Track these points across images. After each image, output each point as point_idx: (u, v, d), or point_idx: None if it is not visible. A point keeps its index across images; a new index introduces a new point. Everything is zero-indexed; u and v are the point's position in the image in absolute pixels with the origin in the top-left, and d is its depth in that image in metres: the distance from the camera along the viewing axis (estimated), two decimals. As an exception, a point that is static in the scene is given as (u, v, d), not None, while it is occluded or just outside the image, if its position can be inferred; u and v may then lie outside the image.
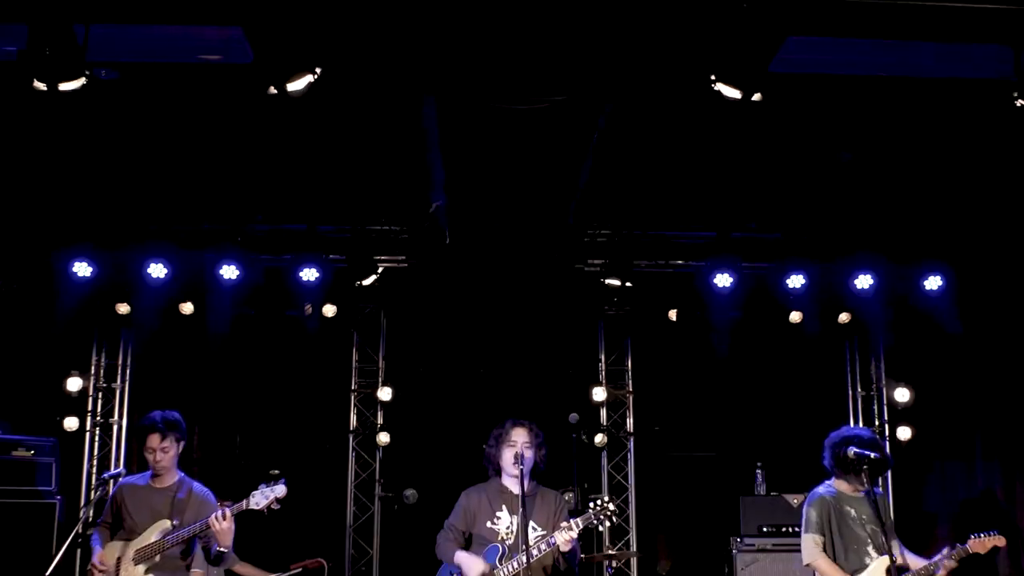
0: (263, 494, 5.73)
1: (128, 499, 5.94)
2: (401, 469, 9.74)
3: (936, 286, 8.70)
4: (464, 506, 5.95)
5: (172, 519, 5.85)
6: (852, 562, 5.99)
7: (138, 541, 5.83)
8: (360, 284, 8.87)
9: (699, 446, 10.34)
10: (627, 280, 8.98)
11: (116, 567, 5.78)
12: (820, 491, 6.20)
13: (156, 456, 5.91)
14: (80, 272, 8.38)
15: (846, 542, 6.01)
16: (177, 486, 5.99)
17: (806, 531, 6.10)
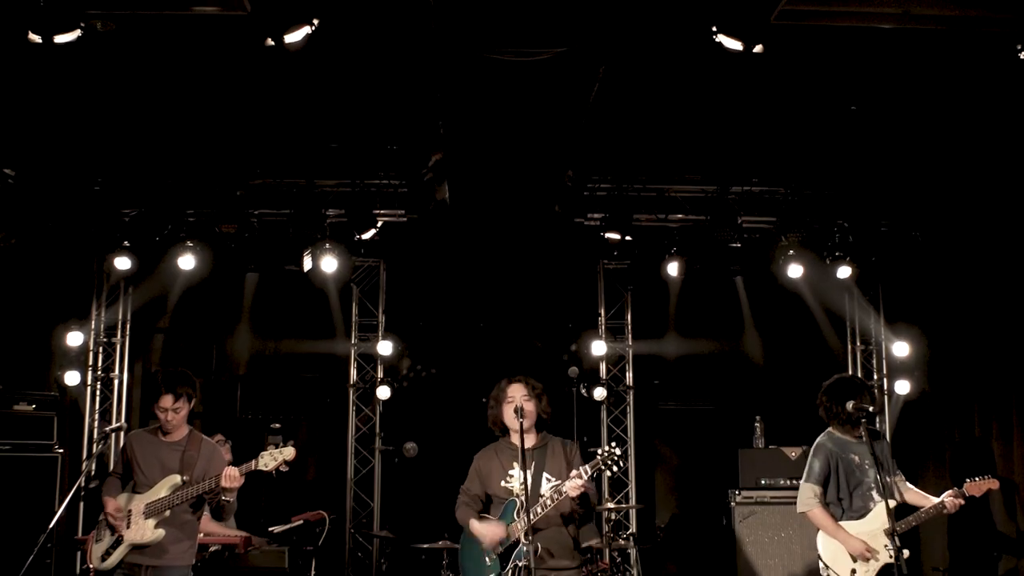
0: (272, 456, 5.77)
1: (138, 451, 5.94)
2: (401, 423, 9.79)
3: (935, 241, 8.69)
4: (476, 469, 5.99)
5: (182, 474, 5.88)
6: (857, 506, 6.11)
7: (148, 495, 5.86)
8: (359, 238, 8.85)
9: (698, 399, 10.39)
10: (627, 234, 8.96)
11: (127, 518, 5.83)
12: (824, 440, 6.29)
13: (168, 416, 5.92)
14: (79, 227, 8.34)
15: (851, 488, 6.13)
16: (187, 440, 6.01)
17: (806, 480, 6.20)
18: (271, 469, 5.75)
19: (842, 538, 6.08)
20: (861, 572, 6.06)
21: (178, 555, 5.88)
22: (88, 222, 8.41)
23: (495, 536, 5.72)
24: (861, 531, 6.07)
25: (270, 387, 10.02)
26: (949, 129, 7.68)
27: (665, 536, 10.12)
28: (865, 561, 6.03)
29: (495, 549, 5.72)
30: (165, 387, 5.87)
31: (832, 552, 6.16)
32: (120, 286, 9.43)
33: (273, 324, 9.86)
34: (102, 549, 5.81)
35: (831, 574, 6.13)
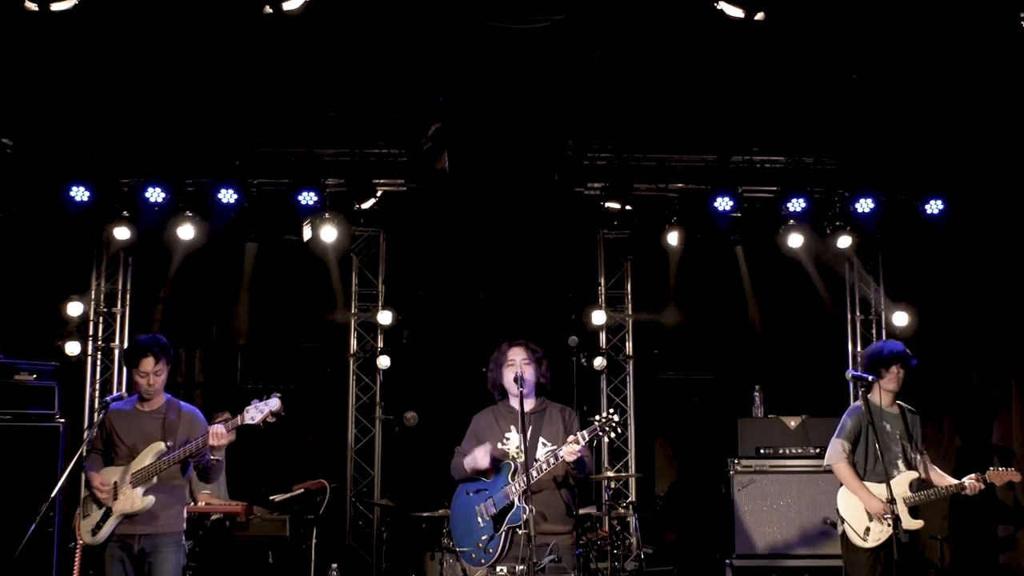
0: (257, 409, 5.77)
1: (118, 425, 5.97)
2: (401, 392, 9.81)
3: (937, 210, 8.67)
4: (474, 429, 6.02)
5: (166, 440, 5.91)
6: (880, 471, 6.21)
7: (134, 464, 5.88)
8: (359, 207, 8.83)
9: (698, 369, 10.41)
10: (627, 203, 8.94)
11: (114, 491, 5.86)
12: (859, 405, 6.47)
13: (150, 380, 5.94)
14: (78, 197, 8.33)
15: (879, 452, 6.23)
16: (166, 408, 6.05)
17: (837, 436, 6.45)
18: (258, 422, 5.76)
19: (863, 496, 6.24)
20: (875, 531, 6.19)
21: (169, 520, 5.92)
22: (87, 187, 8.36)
23: (484, 453, 5.74)
24: (882, 493, 6.15)
25: (270, 357, 10.04)
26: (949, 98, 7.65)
27: (664, 505, 10.18)
28: (880, 522, 6.14)
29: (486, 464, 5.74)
30: (145, 351, 5.90)
31: (851, 508, 6.33)
32: (120, 256, 9.41)
33: (273, 294, 9.85)
34: (92, 523, 5.84)
35: (847, 528, 6.28)
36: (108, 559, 5.86)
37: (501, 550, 5.67)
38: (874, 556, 6.20)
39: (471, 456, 5.84)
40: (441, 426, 6.21)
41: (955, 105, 7.76)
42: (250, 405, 5.80)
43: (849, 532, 6.29)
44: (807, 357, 9.68)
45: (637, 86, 7.73)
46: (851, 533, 6.28)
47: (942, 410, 9.25)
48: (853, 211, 8.77)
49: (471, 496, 5.90)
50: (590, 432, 5.65)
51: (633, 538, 8.78)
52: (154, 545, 5.86)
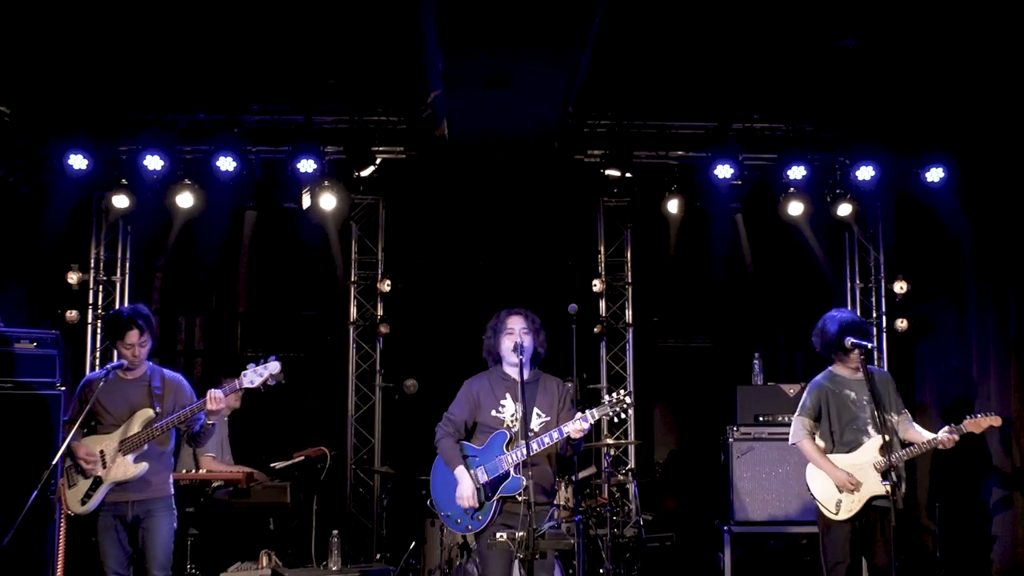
0: (256, 372, 5.79)
1: (102, 395, 5.92)
2: (401, 360, 9.83)
3: (938, 178, 8.65)
4: (467, 395, 5.96)
5: (154, 407, 5.93)
6: (847, 440, 6.24)
7: (121, 432, 5.90)
8: (358, 175, 8.81)
9: (697, 336, 10.42)
10: (627, 171, 8.91)
11: (102, 459, 5.86)
12: (819, 379, 6.46)
13: (135, 351, 5.95)
14: (76, 164, 8.31)
15: (843, 423, 6.26)
16: (149, 376, 6.07)
17: (798, 414, 6.41)
18: (258, 385, 5.78)
19: (827, 469, 6.22)
20: (847, 503, 6.18)
21: (160, 486, 5.99)
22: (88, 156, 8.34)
23: (472, 502, 5.70)
24: (848, 464, 6.18)
25: (270, 325, 10.05)
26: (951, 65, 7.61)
27: (663, 472, 10.23)
28: (850, 492, 6.14)
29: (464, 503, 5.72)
30: (129, 324, 5.90)
31: (819, 483, 6.32)
32: (119, 224, 9.40)
33: (273, 262, 9.85)
34: (80, 493, 5.87)
35: (819, 505, 6.29)
36: (101, 529, 5.90)
37: (491, 518, 5.68)
38: (851, 528, 6.19)
39: (460, 482, 5.73)
40: (441, 394, 6.21)
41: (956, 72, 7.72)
42: (247, 369, 5.82)
43: (821, 508, 6.28)
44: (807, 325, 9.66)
45: (637, 53, 7.68)
46: (823, 509, 6.27)
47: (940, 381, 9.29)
48: (853, 179, 8.74)
49: None
50: (600, 411, 5.66)
51: (632, 505, 8.84)
52: (148, 511, 5.91)
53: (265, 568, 7.62)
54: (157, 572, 5.91)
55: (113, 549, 5.89)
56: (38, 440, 6.70)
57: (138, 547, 5.92)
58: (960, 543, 8.65)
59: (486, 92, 7.72)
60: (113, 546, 5.89)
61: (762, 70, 7.93)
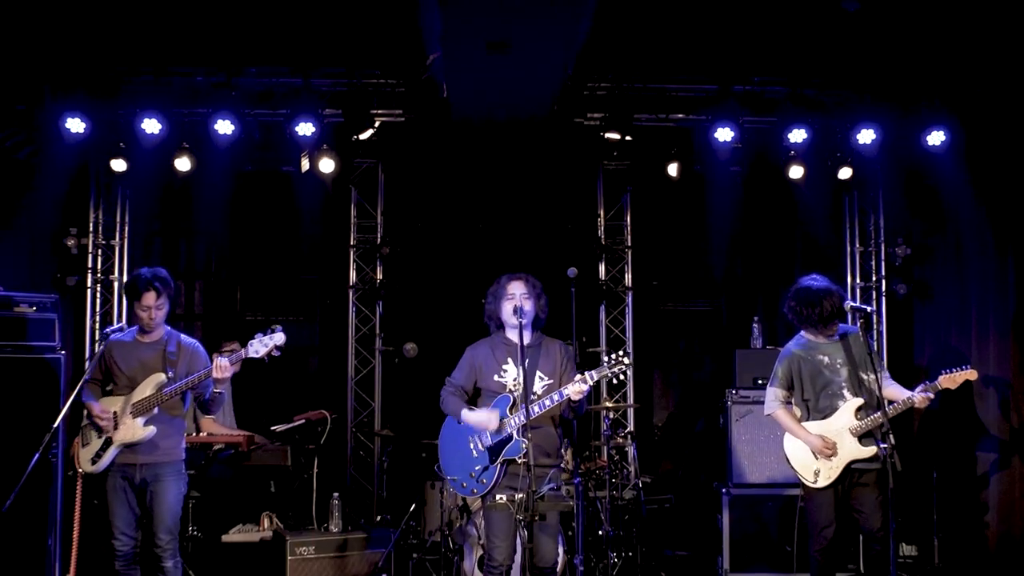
0: (261, 342, 5.81)
1: (118, 356, 6.03)
2: (401, 323, 9.84)
3: (939, 141, 8.61)
4: (470, 361, 6.01)
5: (166, 372, 5.96)
6: (823, 406, 6.20)
7: (135, 395, 5.95)
8: (357, 138, 8.77)
9: (697, 300, 10.43)
10: (627, 134, 8.87)
11: (114, 420, 5.92)
12: (790, 346, 6.41)
13: (151, 314, 5.99)
14: (73, 128, 8.27)
15: (817, 389, 6.21)
16: (166, 339, 6.10)
17: (770, 385, 6.38)
18: (262, 355, 5.80)
19: (803, 436, 6.19)
20: (824, 470, 6.14)
21: (169, 450, 6.02)
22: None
23: (493, 422, 5.77)
24: (824, 430, 6.14)
25: (270, 288, 10.06)
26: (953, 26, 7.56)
27: (662, 435, 10.27)
28: (826, 458, 6.11)
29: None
30: (147, 285, 5.93)
31: (795, 452, 6.30)
32: (117, 188, 9.38)
33: (272, 225, 9.84)
34: (91, 452, 5.92)
35: (799, 475, 6.27)
36: (110, 489, 5.97)
37: (495, 481, 5.74)
38: (832, 494, 6.18)
39: (475, 421, 5.83)
40: (441, 357, 6.24)
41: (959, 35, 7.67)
42: (254, 339, 5.83)
43: (802, 479, 6.27)
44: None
45: (637, 15, 7.63)
46: (802, 478, 6.26)
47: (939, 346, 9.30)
48: (854, 142, 8.71)
49: (462, 426, 5.93)
50: (599, 373, 5.68)
51: (631, 467, 8.88)
52: (156, 474, 5.96)
53: (266, 530, 7.69)
54: (163, 535, 5.96)
55: (121, 509, 5.95)
56: (39, 403, 6.73)
57: (146, 509, 5.97)
58: (956, 507, 8.70)
59: (486, 55, 7.67)
60: (121, 506, 5.95)
61: (763, 31, 7.87)
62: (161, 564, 5.98)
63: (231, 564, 7.57)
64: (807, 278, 6.42)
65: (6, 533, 6.30)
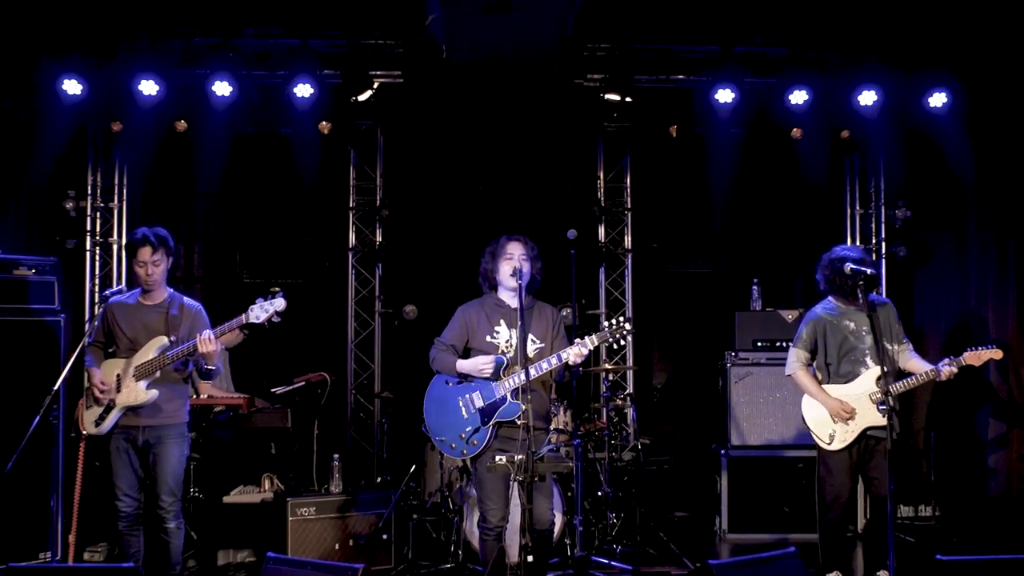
0: (262, 308, 5.81)
1: (120, 318, 6.04)
2: (400, 285, 9.84)
3: (941, 103, 8.57)
4: (462, 321, 5.98)
5: (169, 335, 5.97)
6: (844, 371, 6.24)
7: (137, 358, 5.97)
8: (355, 100, 8.72)
9: (696, 262, 10.43)
10: (627, 95, 8.81)
11: (117, 384, 5.93)
12: (817, 309, 6.43)
13: (148, 270, 5.99)
14: (70, 90, 8.22)
15: (841, 355, 6.25)
16: (168, 302, 6.11)
17: (794, 345, 6.41)
18: (263, 321, 5.81)
19: (822, 398, 6.24)
20: (840, 433, 6.20)
21: (173, 413, 6.04)
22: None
23: (489, 366, 5.76)
24: (843, 394, 6.19)
25: (269, 251, 10.05)
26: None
27: (661, 396, 10.31)
28: (844, 422, 6.16)
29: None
30: (143, 241, 5.93)
31: (813, 414, 6.34)
32: (115, 150, 9.34)
33: (270, 187, 9.81)
34: (95, 415, 5.95)
35: (814, 435, 6.32)
36: (113, 451, 6.01)
37: (487, 443, 5.73)
38: (848, 456, 6.23)
39: (471, 367, 5.82)
40: (440, 320, 6.23)
41: None
42: (255, 304, 5.83)
43: (815, 438, 6.32)
44: (806, 251, 9.67)
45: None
46: (817, 439, 6.31)
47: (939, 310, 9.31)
48: (856, 103, 8.66)
49: (452, 387, 5.90)
50: (599, 338, 5.67)
51: (631, 429, 8.93)
52: (158, 437, 5.99)
53: (267, 491, 7.73)
54: (166, 497, 6.00)
55: (124, 471, 5.99)
56: (39, 366, 6.75)
57: (149, 471, 6.01)
58: (955, 469, 8.75)
59: (484, 15, 7.61)
60: (124, 468, 5.99)
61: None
62: (164, 525, 6.03)
63: (232, 525, 7.62)
64: (842, 247, 6.50)
65: (9, 495, 6.33)
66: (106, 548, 7.53)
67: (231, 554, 7.60)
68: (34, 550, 6.73)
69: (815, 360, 6.38)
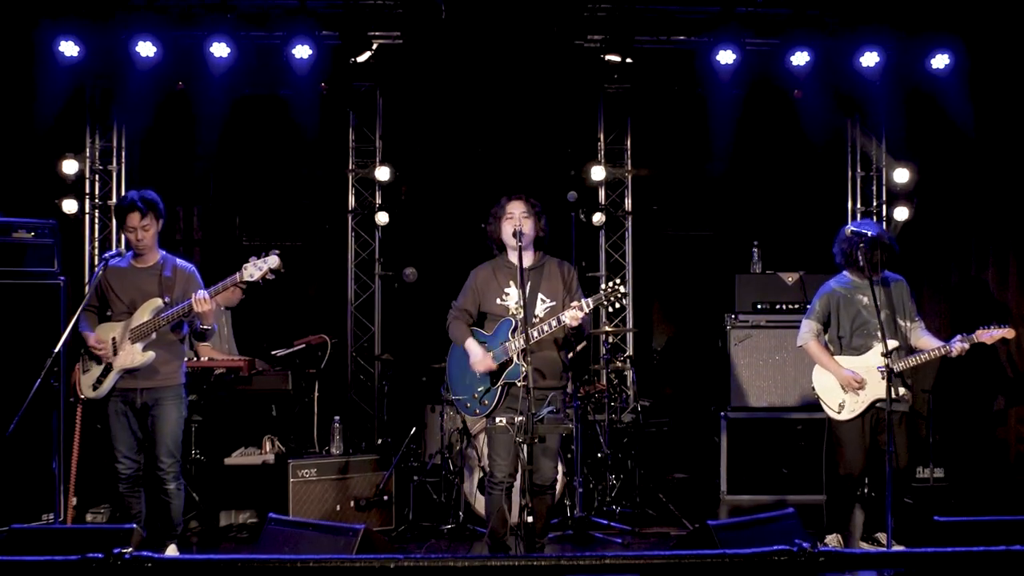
0: (255, 266, 5.81)
1: (114, 282, 6.05)
2: (400, 248, 9.83)
3: (943, 65, 8.52)
4: (472, 285, 6.03)
5: (163, 297, 5.98)
6: (856, 344, 6.30)
7: (133, 320, 5.98)
8: (354, 61, 8.67)
9: (697, 225, 10.41)
10: (628, 56, 8.76)
11: (113, 347, 5.95)
12: (831, 283, 6.50)
13: (138, 235, 5.99)
14: (67, 51, 8.17)
15: (853, 328, 6.31)
16: (161, 264, 6.11)
17: (806, 317, 6.50)
18: (257, 279, 5.81)
19: (833, 368, 6.29)
20: (850, 404, 6.26)
21: (170, 375, 6.07)
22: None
23: (485, 366, 5.82)
24: (855, 365, 6.24)
25: (269, 213, 10.03)
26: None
27: (661, 359, 10.32)
28: (855, 393, 6.21)
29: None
30: (131, 207, 5.94)
31: (824, 384, 6.39)
32: (113, 113, 9.29)
33: (270, 150, 9.76)
34: (92, 378, 5.97)
35: (824, 405, 6.37)
36: (111, 414, 6.03)
37: (496, 402, 5.80)
38: (859, 426, 6.28)
39: (471, 353, 5.86)
40: (440, 282, 6.25)
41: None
42: (248, 262, 5.84)
43: (826, 409, 6.38)
44: (806, 213, 9.66)
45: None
46: (826, 408, 6.37)
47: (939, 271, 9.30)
48: (857, 65, 8.61)
49: None
50: (595, 300, 5.68)
51: (630, 391, 8.96)
52: (156, 399, 6.01)
53: (268, 453, 7.76)
54: (165, 458, 6.04)
55: (123, 433, 6.03)
56: (39, 330, 6.75)
57: (148, 433, 6.04)
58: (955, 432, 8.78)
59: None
60: (123, 430, 6.03)
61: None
62: (164, 487, 6.07)
63: (234, 487, 7.67)
64: (858, 222, 6.50)
65: (11, 457, 6.36)
66: (109, 510, 7.58)
67: (233, 515, 7.65)
68: (37, 511, 6.77)
69: (828, 333, 6.42)
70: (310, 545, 4.92)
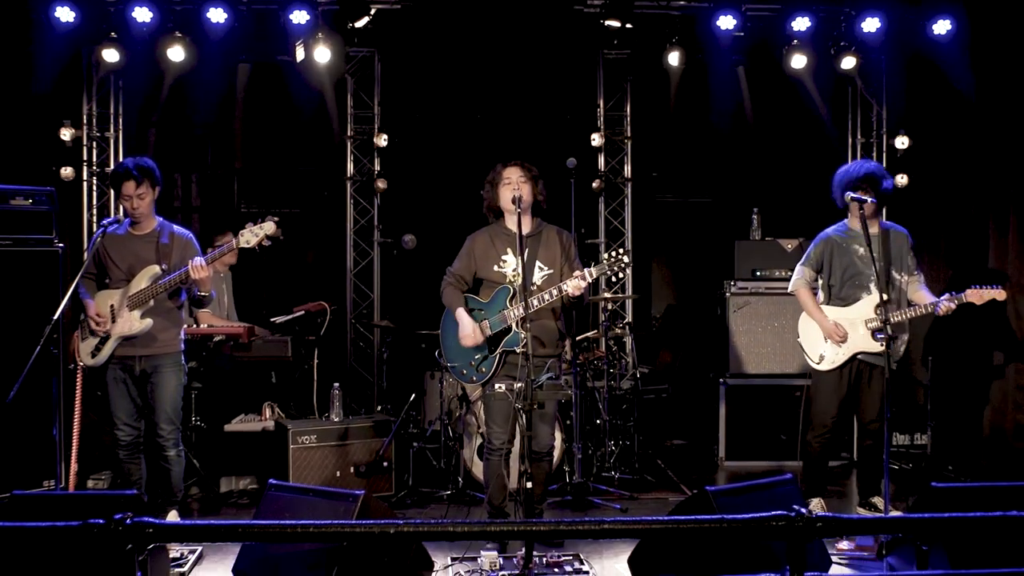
0: (252, 232, 5.83)
1: (112, 249, 6.06)
2: (399, 215, 9.81)
3: (945, 31, 8.47)
4: (469, 251, 6.00)
5: (160, 264, 5.98)
6: (845, 294, 6.29)
7: (131, 287, 5.99)
8: (352, 26, 8.61)
9: (696, 192, 10.39)
10: (627, 21, 8.70)
11: (111, 315, 5.96)
12: (828, 231, 6.50)
13: (133, 203, 6.00)
14: (63, 17, 8.12)
15: (845, 278, 6.30)
16: (158, 231, 6.12)
17: (800, 263, 6.47)
18: (254, 245, 5.84)
19: (817, 318, 6.32)
20: (830, 355, 6.28)
21: (168, 342, 6.09)
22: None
23: (476, 339, 5.81)
24: (840, 316, 6.25)
25: (267, 180, 10.00)
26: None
27: (660, 325, 10.34)
28: (836, 344, 6.21)
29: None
30: (126, 175, 5.94)
31: (806, 332, 6.43)
32: (110, 79, 9.24)
33: (268, 116, 9.71)
34: (91, 346, 5.99)
35: (805, 354, 6.40)
36: (111, 381, 6.06)
37: (494, 370, 5.80)
38: (836, 382, 6.30)
39: (462, 324, 5.85)
40: (439, 249, 6.24)
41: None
42: (244, 228, 5.85)
43: (807, 358, 6.41)
44: (806, 180, 9.63)
45: None
46: (808, 359, 6.40)
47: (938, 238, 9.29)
48: (858, 31, 8.56)
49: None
50: (598, 270, 5.67)
51: (629, 358, 8.97)
52: (155, 366, 6.03)
53: (268, 420, 7.79)
54: (164, 425, 6.07)
55: (122, 400, 6.06)
56: (38, 296, 6.75)
57: (147, 400, 6.06)
58: (952, 398, 8.80)
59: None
60: (122, 398, 6.06)
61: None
62: (164, 453, 6.11)
63: (234, 453, 7.71)
64: (857, 164, 6.53)
65: (12, 424, 6.38)
66: (110, 476, 7.62)
67: (233, 481, 7.70)
68: (38, 478, 6.79)
69: (820, 280, 6.43)
70: (310, 511, 4.95)
